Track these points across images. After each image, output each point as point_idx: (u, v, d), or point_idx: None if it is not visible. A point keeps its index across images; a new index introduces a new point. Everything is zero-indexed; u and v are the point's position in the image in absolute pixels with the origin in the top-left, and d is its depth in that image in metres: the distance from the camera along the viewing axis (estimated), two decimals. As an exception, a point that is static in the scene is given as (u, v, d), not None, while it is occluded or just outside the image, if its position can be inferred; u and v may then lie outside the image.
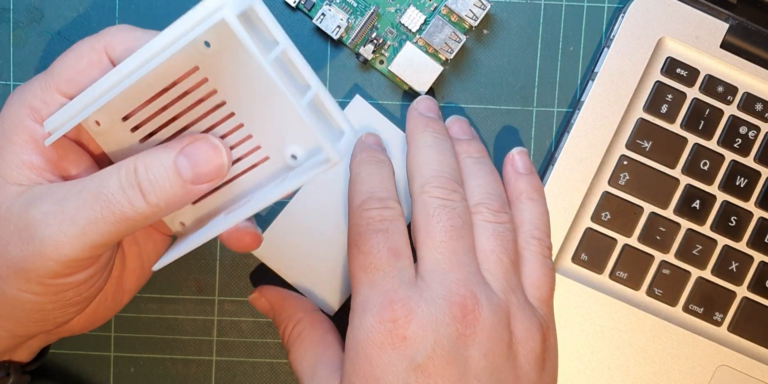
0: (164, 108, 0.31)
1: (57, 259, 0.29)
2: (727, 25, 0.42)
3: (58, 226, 0.29)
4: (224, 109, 0.31)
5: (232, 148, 0.31)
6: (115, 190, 0.29)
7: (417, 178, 0.36)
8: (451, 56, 0.41)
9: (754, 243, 0.42)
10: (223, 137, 0.31)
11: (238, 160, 0.31)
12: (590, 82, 0.42)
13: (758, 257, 0.42)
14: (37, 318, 0.32)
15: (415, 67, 0.41)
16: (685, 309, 0.42)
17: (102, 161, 0.34)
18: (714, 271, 0.42)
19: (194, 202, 0.33)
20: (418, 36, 0.41)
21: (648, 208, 0.42)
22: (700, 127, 0.42)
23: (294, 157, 0.30)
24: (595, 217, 0.41)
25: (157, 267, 0.33)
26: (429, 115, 0.39)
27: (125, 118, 0.32)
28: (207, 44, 0.28)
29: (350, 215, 0.36)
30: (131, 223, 0.29)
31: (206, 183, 0.30)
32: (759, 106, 0.42)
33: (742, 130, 0.42)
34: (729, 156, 0.42)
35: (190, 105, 0.31)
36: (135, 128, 0.32)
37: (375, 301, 0.33)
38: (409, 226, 0.35)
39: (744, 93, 0.42)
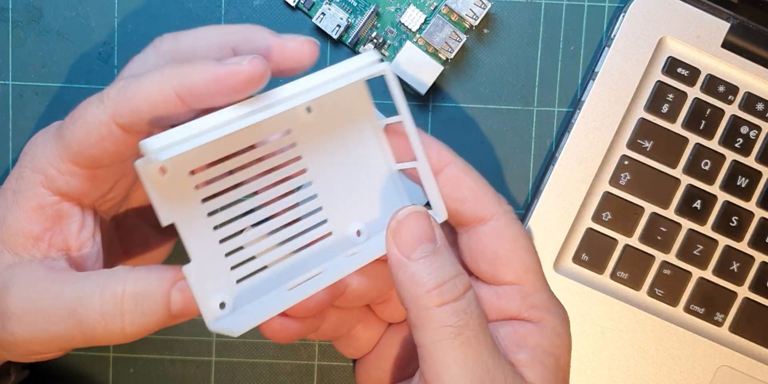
0: (239, 168, 0.29)
1: (26, 351, 0.30)
2: (728, 25, 0.41)
3: (30, 328, 0.29)
4: (302, 178, 0.30)
5: (298, 220, 0.30)
6: (93, 315, 0.28)
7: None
8: (452, 56, 0.41)
9: (755, 243, 0.42)
10: (293, 207, 0.30)
11: (300, 234, 0.30)
12: (591, 81, 0.42)
13: (759, 257, 0.42)
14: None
15: (416, 67, 0.40)
16: (686, 309, 0.42)
17: (102, 222, 0.33)
18: (715, 272, 0.42)
19: (239, 281, 0.30)
20: (418, 35, 0.41)
21: (649, 208, 0.42)
22: (701, 127, 0.42)
23: (358, 233, 0.31)
24: (596, 217, 0.41)
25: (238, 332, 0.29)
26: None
27: (193, 172, 0.29)
28: (309, 110, 0.28)
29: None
30: (101, 343, 0.29)
31: (189, 317, 0.29)
32: (760, 106, 0.42)
33: (743, 129, 0.42)
34: (730, 156, 0.42)
35: (268, 169, 0.30)
36: (198, 186, 0.29)
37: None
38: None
39: (745, 93, 0.42)
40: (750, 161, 0.42)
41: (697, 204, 0.42)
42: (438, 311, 0.28)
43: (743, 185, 0.42)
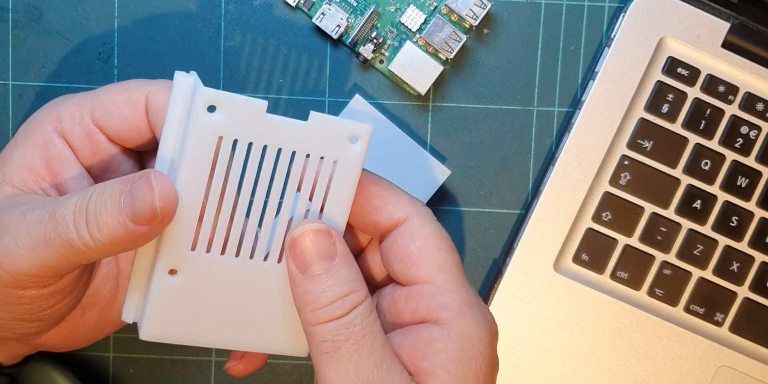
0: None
1: (7, 269, 0.29)
2: (728, 25, 0.41)
3: (14, 236, 0.28)
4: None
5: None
6: (67, 213, 0.28)
7: None
8: (452, 56, 0.41)
9: (755, 243, 0.42)
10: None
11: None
12: (591, 81, 0.42)
13: (759, 257, 0.42)
14: None
15: (415, 67, 0.40)
16: (686, 309, 0.42)
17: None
18: (715, 272, 0.42)
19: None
20: (418, 35, 0.41)
21: (649, 208, 0.42)
22: (701, 127, 0.42)
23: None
24: (596, 217, 0.41)
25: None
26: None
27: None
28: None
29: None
30: (78, 253, 0.28)
31: (144, 225, 0.27)
32: (760, 106, 0.42)
33: (743, 129, 0.42)
34: (730, 156, 0.42)
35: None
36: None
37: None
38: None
39: (745, 93, 0.42)
40: (750, 161, 0.42)
41: (697, 204, 0.42)
42: (320, 327, 0.28)
43: (743, 185, 0.42)
